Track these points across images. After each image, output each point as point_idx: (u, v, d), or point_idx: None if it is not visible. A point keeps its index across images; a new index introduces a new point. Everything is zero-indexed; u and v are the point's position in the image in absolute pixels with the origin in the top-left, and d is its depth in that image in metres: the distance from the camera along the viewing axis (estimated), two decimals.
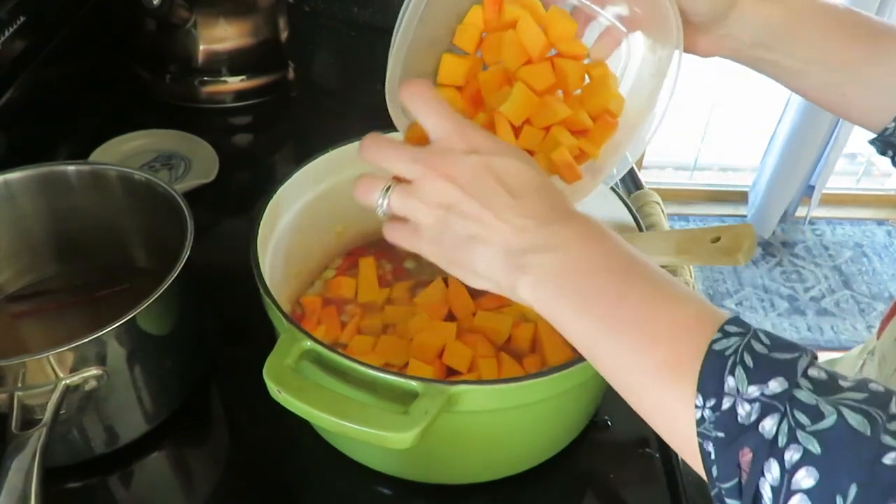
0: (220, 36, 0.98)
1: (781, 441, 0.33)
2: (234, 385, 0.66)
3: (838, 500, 0.31)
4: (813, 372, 0.35)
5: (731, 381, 0.35)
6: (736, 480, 0.35)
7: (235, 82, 1.00)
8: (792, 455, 0.33)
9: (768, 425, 0.34)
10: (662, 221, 0.71)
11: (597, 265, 0.41)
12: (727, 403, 0.35)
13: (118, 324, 0.51)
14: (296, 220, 0.65)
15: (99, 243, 0.69)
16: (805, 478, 0.32)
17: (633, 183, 0.83)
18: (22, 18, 0.79)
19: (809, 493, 0.32)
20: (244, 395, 0.64)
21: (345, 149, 0.66)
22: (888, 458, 0.31)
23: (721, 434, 0.35)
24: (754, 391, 0.34)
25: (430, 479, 0.59)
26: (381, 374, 0.48)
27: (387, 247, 0.68)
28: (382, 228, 0.47)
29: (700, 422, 0.36)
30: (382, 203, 0.45)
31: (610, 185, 0.64)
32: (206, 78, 1.00)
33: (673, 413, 0.37)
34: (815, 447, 0.32)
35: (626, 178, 0.83)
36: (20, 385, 0.50)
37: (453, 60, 0.54)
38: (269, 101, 1.02)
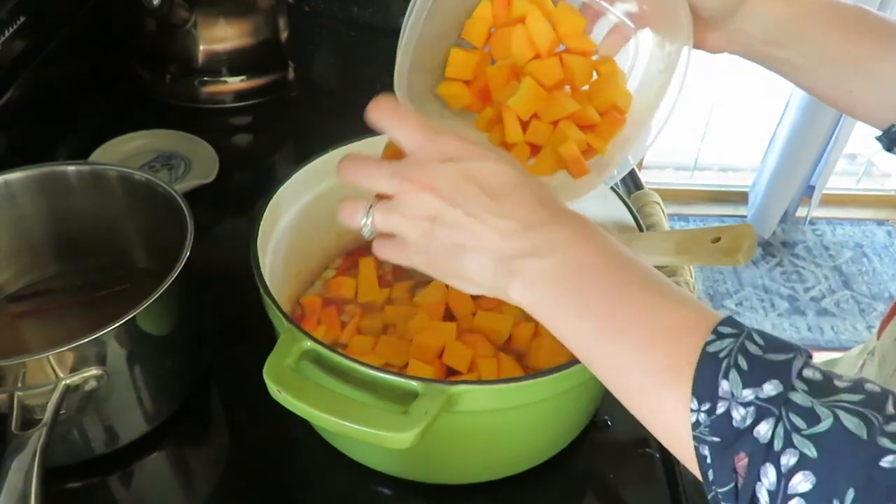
0: (220, 36, 0.98)
1: (777, 445, 0.33)
2: (234, 385, 0.66)
3: None
4: (808, 373, 0.35)
5: (725, 384, 0.35)
6: (732, 485, 0.35)
7: (235, 82, 1.00)
8: (788, 459, 0.33)
9: (763, 430, 0.33)
10: (662, 221, 0.71)
11: (589, 268, 0.40)
12: (722, 407, 0.35)
13: (118, 324, 0.51)
14: (296, 220, 0.65)
15: (99, 243, 0.69)
16: (802, 482, 0.32)
17: (633, 183, 0.83)
18: (22, 18, 0.79)
19: (806, 497, 0.32)
20: (244, 395, 0.64)
21: (345, 149, 0.66)
22: (885, 462, 0.31)
23: (716, 439, 0.35)
24: (749, 395, 0.34)
25: (430, 479, 0.59)
26: (381, 374, 0.48)
27: None
28: (372, 246, 0.46)
29: (695, 426, 0.35)
30: (367, 223, 0.45)
31: (610, 185, 0.64)
32: (206, 78, 1.00)
33: (669, 417, 0.37)
34: (811, 451, 0.32)
35: (626, 178, 0.83)
36: (20, 385, 0.50)
37: (462, 55, 0.54)
38: (269, 101, 1.02)
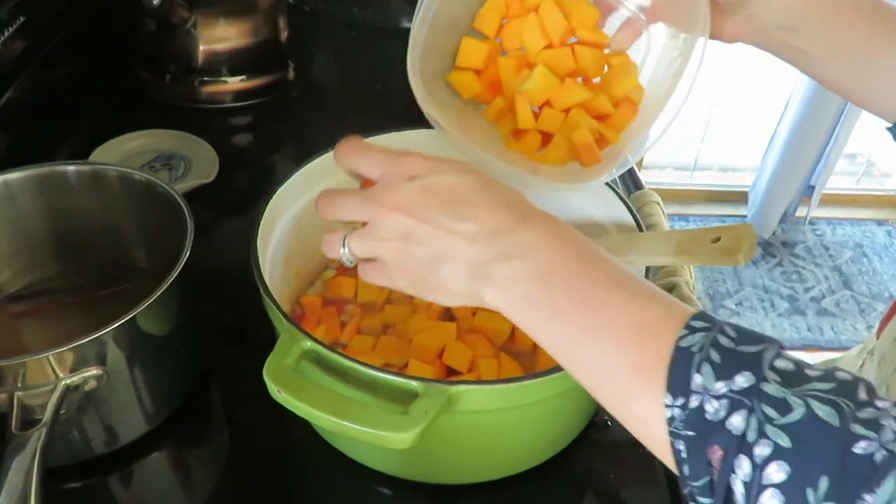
0: (220, 36, 0.98)
1: (751, 437, 0.33)
2: (234, 385, 0.66)
3: (809, 493, 0.31)
4: (780, 363, 0.35)
5: (698, 378, 0.35)
6: (707, 478, 0.35)
7: (235, 82, 1.00)
8: (762, 450, 0.33)
9: (736, 421, 0.34)
10: (662, 221, 0.71)
11: (559, 269, 0.41)
12: (695, 401, 0.35)
13: (118, 324, 0.51)
14: (296, 220, 0.65)
15: (99, 243, 0.69)
16: (776, 472, 0.32)
17: (633, 183, 0.83)
18: (22, 18, 0.79)
19: (781, 486, 0.32)
20: (244, 395, 0.64)
21: None
22: (858, 448, 0.31)
23: (691, 433, 0.35)
24: (721, 387, 0.34)
25: (430, 479, 0.59)
26: (381, 374, 0.48)
27: None
28: (358, 272, 0.48)
29: (670, 421, 0.35)
30: (345, 252, 0.46)
31: (605, 182, 0.64)
32: (206, 78, 1.00)
33: (645, 414, 0.37)
34: (784, 441, 0.32)
35: (626, 178, 0.83)
36: (20, 385, 0.50)
37: (473, 44, 0.55)
38: (269, 101, 1.02)
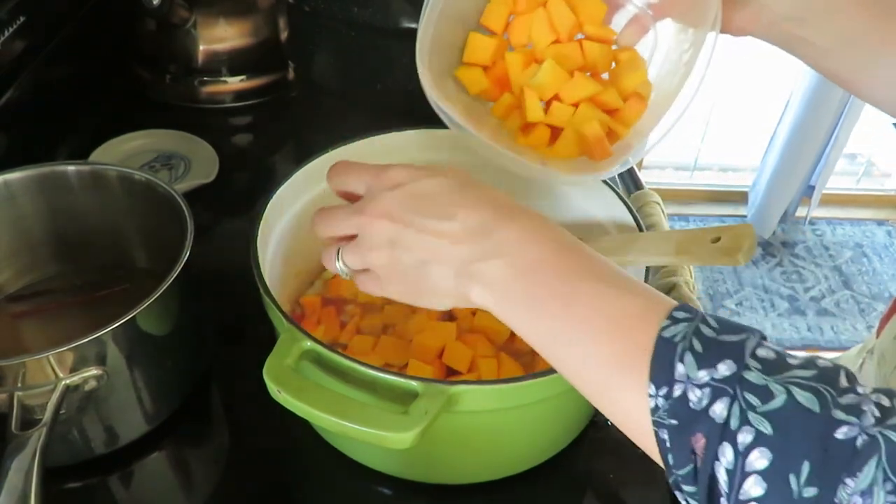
0: (220, 36, 0.98)
1: (733, 424, 0.33)
2: (234, 385, 0.66)
3: (792, 479, 0.32)
4: (761, 352, 0.35)
5: (680, 367, 0.35)
6: (691, 466, 0.35)
7: (235, 82, 1.00)
8: (745, 437, 0.33)
9: (719, 409, 0.34)
10: (662, 221, 0.71)
11: (541, 265, 0.41)
12: (678, 390, 0.35)
13: (118, 324, 0.51)
14: (296, 220, 0.65)
15: (99, 243, 0.69)
16: (759, 459, 0.33)
17: (633, 183, 0.83)
18: (22, 18, 0.79)
19: (764, 473, 0.32)
20: (244, 395, 0.64)
21: (345, 149, 0.66)
22: (840, 433, 0.32)
23: (674, 421, 0.35)
24: (704, 376, 0.35)
25: (430, 479, 0.59)
26: (381, 374, 0.48)
27: None
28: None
29: (654, 410, 0.36)
30: (340, 265, 0.48)
31: (605, 182, 0.64)
32: (206, 78, 1.00)
33: (629, 405, 0.37)
34: (766, 428, 0.33)
35: (627, 178, 0.83)
36: (20, 385, 0.50)
37: (480, 39, 0.55)
38: (269, 101, 1.02)
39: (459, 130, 0.54)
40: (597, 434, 0.63)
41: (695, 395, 0.34)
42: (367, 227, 0.45)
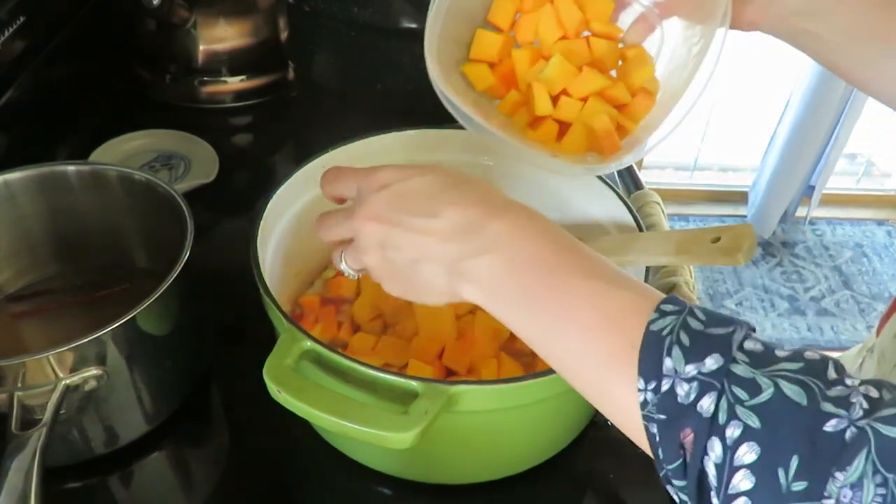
0: (220, 36, 0.98)
1: (721, 418, 0.33)
2: (234, 385, 0.66)
3: (780, 472, 0.32)
4: (749, 345, 0.35)
5: (668, 361, 0.35)
6: (681, 461, 0.35)
7: (235, 82, 1.00)
8: (733, 431, 0.33)
9: (706, 403, 0.34)
10: (662, 221, 0.71)
11: (531, 261, 0.41)
12: (666, 384, 0.35)
13: (118, 324, 0.51)
14: (296, 220, 0.65)
15: (99, 243, 0.69)
16: (747, 453, 0.32)
17: (633, 183, 0.83)
18: (22, 18, 0.79)
19: (752, 467, 0.32)
20: (244, 395, 0.64)
21: (345, 149, 0.66)
22: (828, 426, 0.31)
23: (663, 416, 0.35)
24: (691, 370, 0.34)
25: (430, 479, 0.59)
26: (381, 374, 0.48)
27: None
28: None
29: (644, 405, 0.36)
30: (345, 267, 0.49)
31: (605, 182, 0.64)
32: (206, 78, 1.00)
33: (619, 399, 0.37)
34: (754, 422, 0.33)
35: (627, 178, 0.83)
36: (20, 385, 0.50)
37: (487, 36, 0.55)
38: (269, 101, 1.02)
39: (468, 122, 0.54)
40: (597, 434, 0.63)
41: (682, 390, 0.34)
42: (359, 231, 0.45)
